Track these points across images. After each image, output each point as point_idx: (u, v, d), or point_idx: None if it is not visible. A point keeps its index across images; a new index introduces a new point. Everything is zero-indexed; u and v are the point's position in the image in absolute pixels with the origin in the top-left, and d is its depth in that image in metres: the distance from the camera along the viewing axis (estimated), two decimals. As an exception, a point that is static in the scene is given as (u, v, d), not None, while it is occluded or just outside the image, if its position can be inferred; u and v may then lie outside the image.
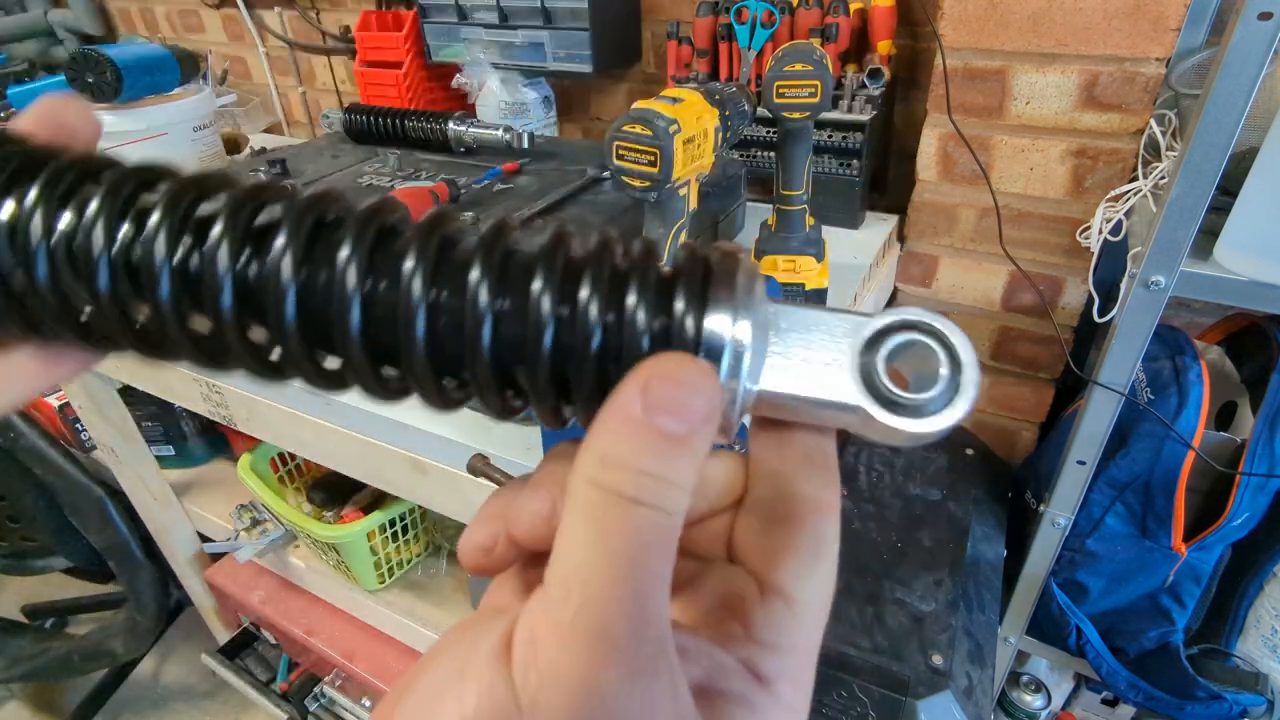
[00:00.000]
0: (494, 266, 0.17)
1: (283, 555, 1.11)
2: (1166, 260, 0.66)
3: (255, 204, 0.17)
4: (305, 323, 0.17)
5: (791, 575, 0.19)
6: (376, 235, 0.17)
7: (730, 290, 0.17)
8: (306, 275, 0.16)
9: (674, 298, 0.17)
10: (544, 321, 0.17)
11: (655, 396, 0.15)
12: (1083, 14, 0.78)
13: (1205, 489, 0.87)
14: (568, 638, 0.14)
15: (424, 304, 0.16)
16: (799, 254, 0.78)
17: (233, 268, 0.16)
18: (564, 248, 0.18)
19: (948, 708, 0.74)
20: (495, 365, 0.17)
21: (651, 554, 0.15)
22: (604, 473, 0.15)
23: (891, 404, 0.18)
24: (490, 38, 1.14)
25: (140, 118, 1.13)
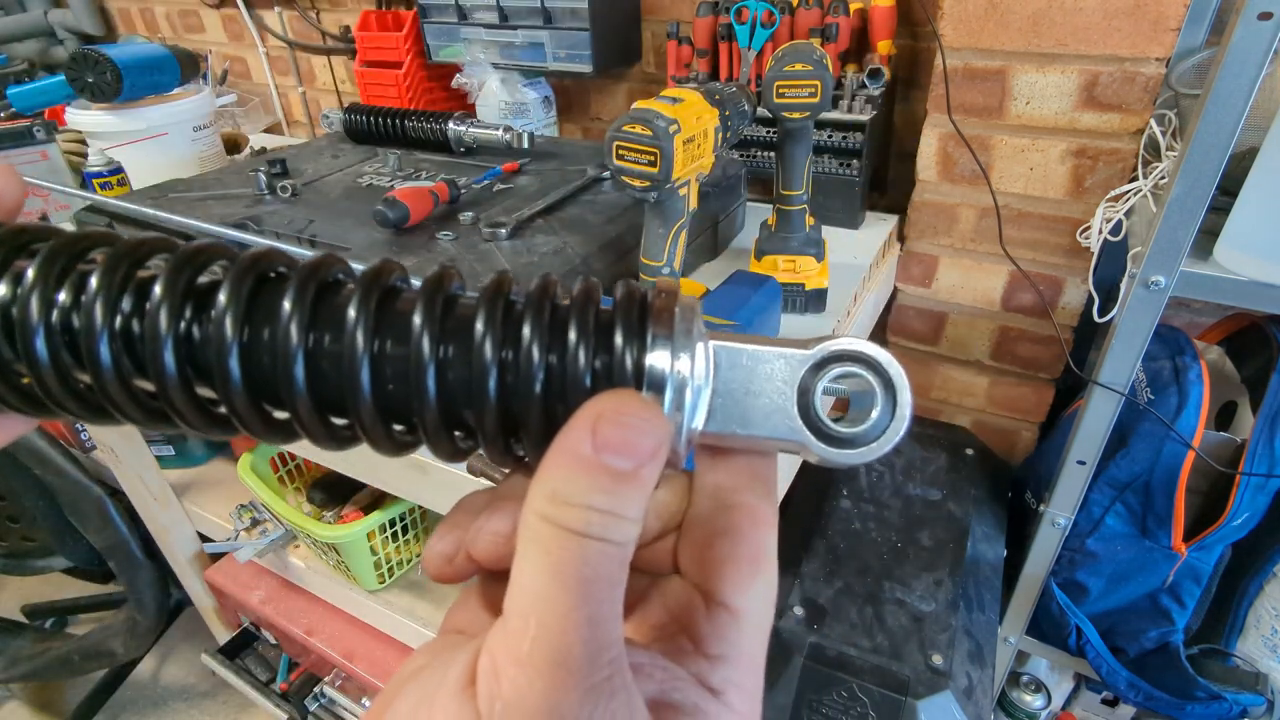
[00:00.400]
0: (436, 315, 0.17)
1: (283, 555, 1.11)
2: (1166, 260, 0.66)
3: (195, 265, 0.17)
4: (251, 381, 0.17)
5: (733, 587, 0.19)
6: (319, 289, 0.17)
7: (669, 326, 0.18)
8: (250, 334, 0.17)
9: (613, 336, 0.17)
10: (488, 366, 0.17)
11: (604, 436, 0.16)
12: (1083, 14, 0.78)
13: (1205, 489, 0.87)
14: (527, 666, 0.15)
15: (368, 355, 0.17)
16: (799, 254, 0.78)
17: (174, 330, 0.16)
18: (504, 293, 0.18)
19: (948, 708, 0.74)
20: (443, 411, 0.18)
21: (603, 582, 0.15)
22: (556, 509, 0.16)
23: (829, 438, 0.18)
24: (490, 38, 1.14)
25: (140, 118, 1.13)
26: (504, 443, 0.18)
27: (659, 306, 0.18)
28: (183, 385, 0.17)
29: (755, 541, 0.20)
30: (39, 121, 1.07)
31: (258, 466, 1.08)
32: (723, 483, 0.21)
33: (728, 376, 0.19)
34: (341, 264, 0.19)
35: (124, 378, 0.17)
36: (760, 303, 0.70)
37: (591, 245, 0.73)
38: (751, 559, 0.19)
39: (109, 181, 1.07)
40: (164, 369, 0.16)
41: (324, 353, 0.17)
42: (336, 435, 0.18)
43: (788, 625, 0.83)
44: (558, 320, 0.18)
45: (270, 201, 0.86)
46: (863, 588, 0.87)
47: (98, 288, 0.16)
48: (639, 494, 0.16)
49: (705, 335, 0.19)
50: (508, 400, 0.17)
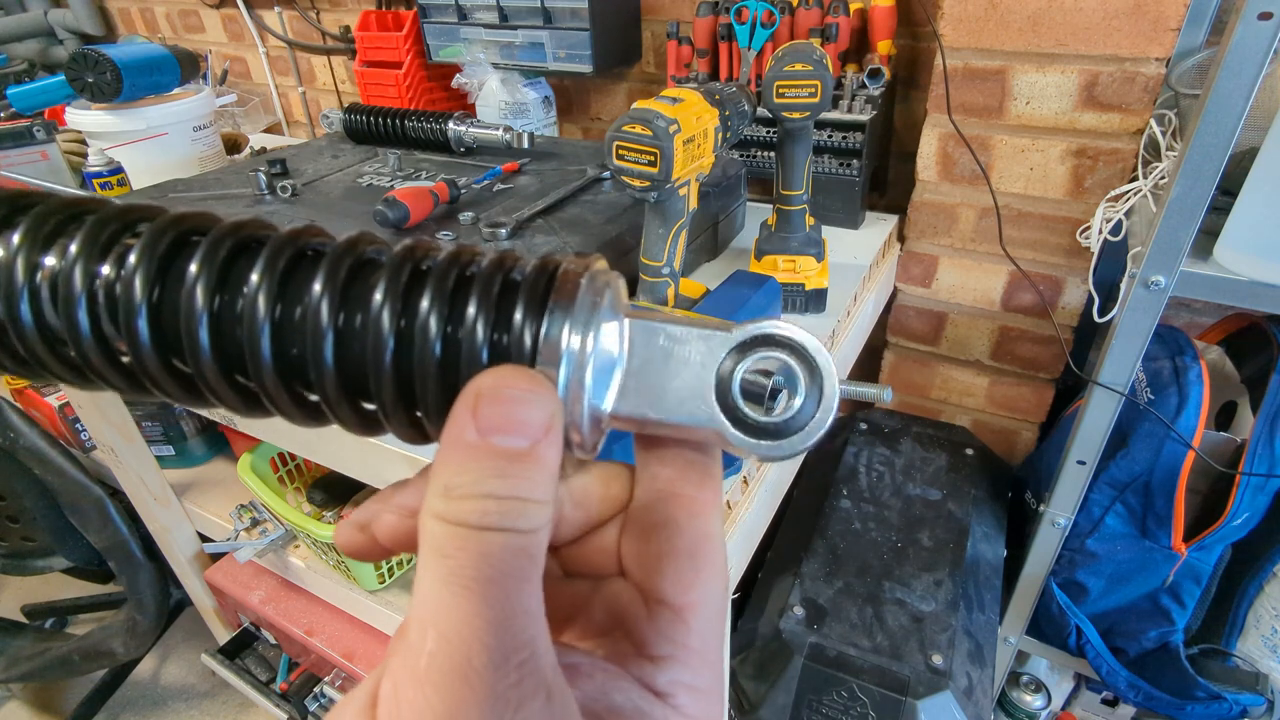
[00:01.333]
0: (338, 280, 0.17)
1: (283, 555, 1.11)
2: (1166, 260, 0.66)
3: (176, 233, 0.17)
4: (157, 336, 0.17)
5: (671, 583, 0.18)
6: (230, 251, 0.17)
7: (570, 299, 0.16)
8: (159, 295, 0.17)
9: (514, 309, 0.17)
10: (384, 335, 0.16)
11: (487, 417, 0.15)
12: (1083, 14, 0.78)
13: (1205, 489, 0.87)
14: (425, 683, 0.13)
15: (268, 320, 0.16)
16: (799, 254, 0.78)
17: (148, 299, 0.16)
18: (412, 261, 0.17)
19: (948, 708, 0.74)
20: (342, 380, 0.17)
21: (508, 579, 0.14)
22: (449, 505, 0.15)
23: (749, 426, 0.17)
24: (490, 38, 1.14)
25: (140, 118, 1.13)
26: (406, 416, 0.17)
27: (564, 277, 0.17)
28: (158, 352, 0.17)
29: (692, 532, 0.18)
30: (39, 121, 1.07)
31: (258, 466, 1.08)
32: (658, 473, 0.19)
33: (643, 355, 0.18)
34: (266, 228, 0.18)
35: (104, 340, 0.17)
36: (760, 303, 0.70)
37: (591, 245, 0.73)
38: (690, 552, 0.18)
39: (109, 181, 1.07)
40: (138, 335, 0.17)
41: (227, 315, 0.17)
42: (246, 399, 0.18)
43: (788, 625, 0.83)
44: (462, 290, 0.17)
45: (270, 201, 0.86)
46: (863, 588, 0.86)
47: (77, 251, 0.17)
48: (540, 473, 0.15)
49: (622, 310, 0.18)
50: (406, 372, 0.17)
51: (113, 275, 0.17)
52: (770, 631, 0.83)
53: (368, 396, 0.17)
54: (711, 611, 0.18)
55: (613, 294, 0.18)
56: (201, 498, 1.25)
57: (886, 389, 0.19)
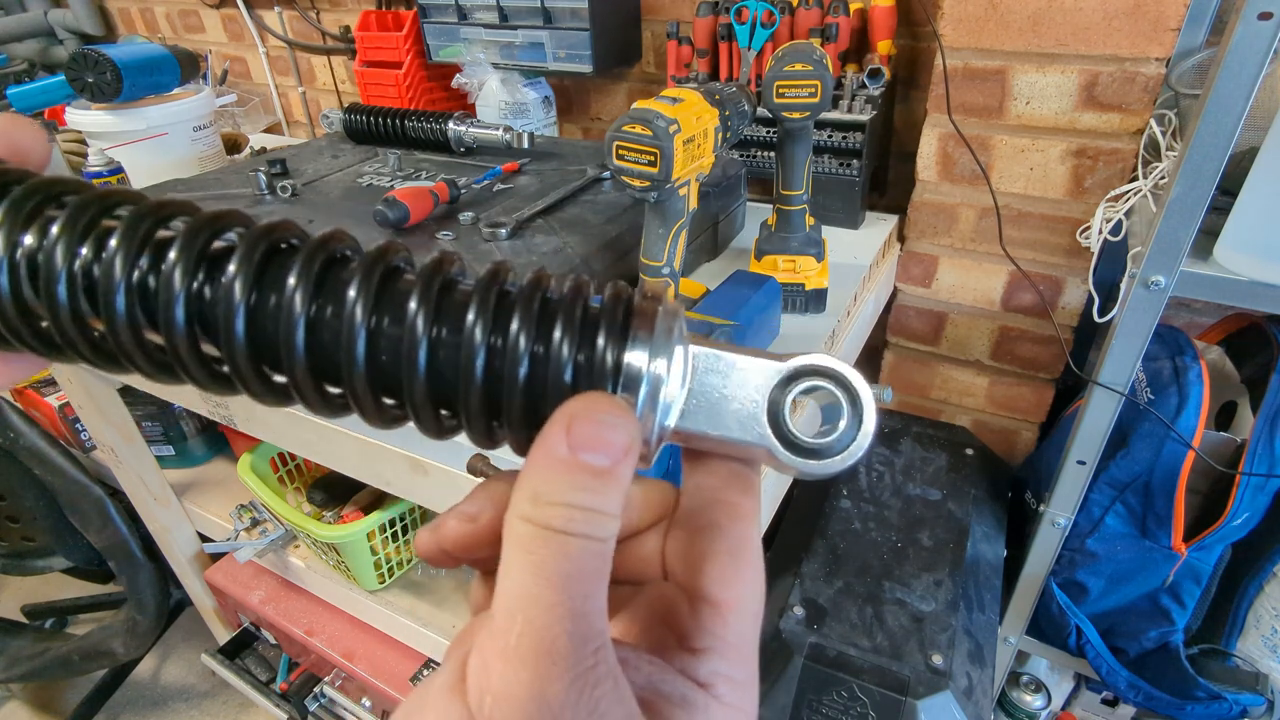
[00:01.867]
0: (432, 295, 0.18)
1: (283, 555, 1.11)
2: (1166, 260, 0.66)
3: (211, 230, 0.18)
4: (254, 343, 0.18)
5: (714, 580, 0.20)
6: (325, 263, 0.18)
7: (650, 329, 0.19)
8: (256, 299, 0.18)
9: (597, 334, 0.18)
10: (476, 351, 0.18)
11: (578, 436, 0.17)
12: (1083, 14, 0.78)
13: (1205, 489, 0.87)
14: (514, 659, 0.15)
15: (364, 329, 0.18)
16: (799, 254, 0.78)
17: (187, 288, 0.17)
18: (500, 281, 0.19)
19: (948, 708, 0.74)
20: (430, 389, 0.18)
21: (586, 576, 0.16)
22: (536, 509, 0.16)
23: (795, 447, 0.19)
24: (490, 38, 1.14)
25: (140, 118, 1.13)
26: (486, 425, 0.19)
27: (643, 308, 0.19)
28: (189, 338, 0.18)
29: (735, 535, 0.20)
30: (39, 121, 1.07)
31: (258, 466, 1.08)
32: (703, 483, 0.21)
33: (704, 380, 0.20)
34: (350, 241, 0.20)
35: (137, 327, 0.18)
36: (760, 303, 0.70)
37: (591, 245, 0.73)
38: (731, 551, 0.20)
39: (109, 182, 1.07)
40: (174, 322, 0.17)
41: (325, 323, 0.18)
42: (331, 403, 0.19)
43: (788, 625, 0.83)
44: (547, 313, 0.19)
45: (270, 201, 0.86)
46: (863, 588, 0.87)
47: (117, 246, 0.17)
48: (616, 489, 0.17)
49: (686, 339, 0.20)
50: (492, 383, 0.18)
51: (215, 284, 0.18)
52: (770, 631, 0.83)
53: (451, 405, 0.19)
54: (749, 608, 0.20)
55: (680, 325, 0.20)
56: (201, 498, 1.25)
57: (886, 389, 0.21)
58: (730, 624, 0.20)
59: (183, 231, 0.18)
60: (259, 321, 0.18)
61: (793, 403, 0.19)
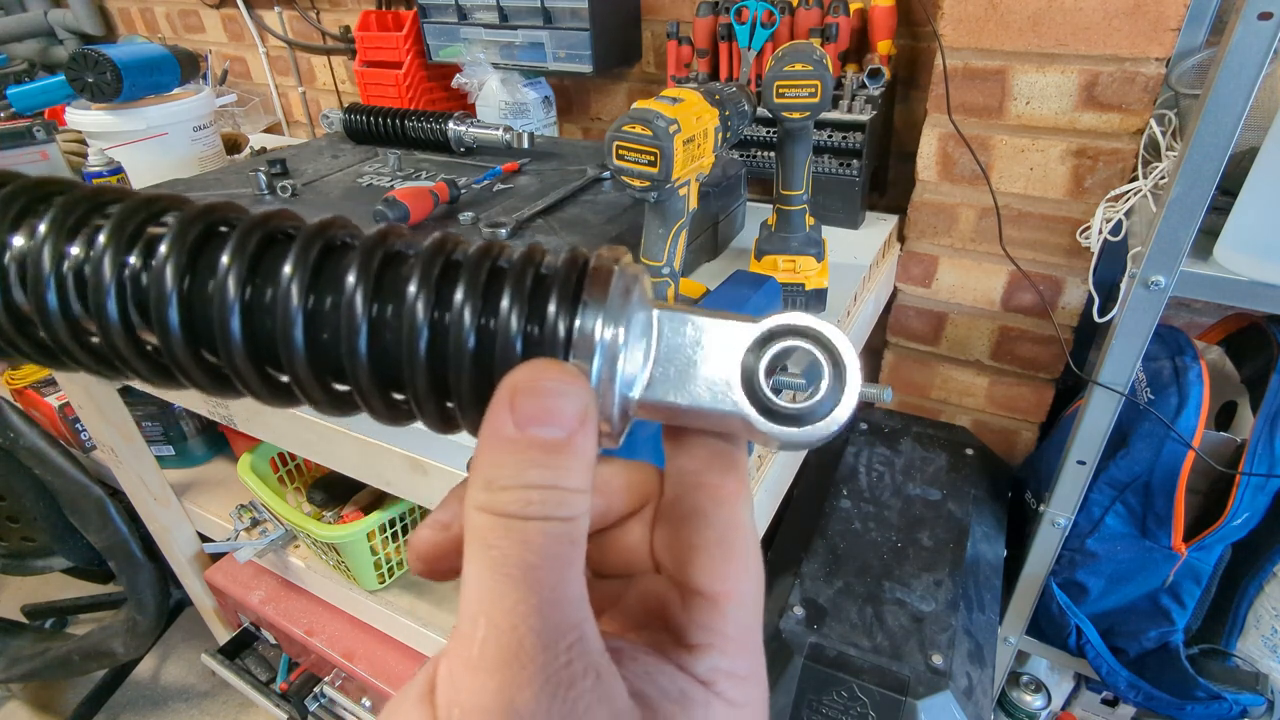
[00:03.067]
0: (371, 273, 0.17)
1: (283, 555, 1.11)
2: (1166, 260, 0.66)
3: (205, 223, 0.17)
4: (186, 326, 0.17)
5: (703, 572, 0.18)
6: (260, 242, 0.17)
7: (603, 293, 0.17)
8: (189, 284, 0.17)
9: (548, 301, 0.17)
10: (418, 327, 0.17)
11: (524, 410, 0.15)
12: (1083, 14, 0.78)
13: (1205, 489, 0.87)
14: (479, 667, 0.14)
15: (301, 312, 0.17)
16: (799, 254, 0.78)
17: (179, 287, 0.17)
18: (444, 254, 0.17)
19: (948, 708, 0.74)
20: (374, 370, 0.17)
21: (552, 564, 0.15)
22: (490, 496, 0.15)
23: (774, 414, 0.18)
24: (490, 38, 1.14)
25: (140, 118, 1.13)
26: (438, 407, 0.18)
27: (598, 271, 0.17)
28: (188, 343, 0.17)
29: (721, 521, 0.19)
30: (39, 121, 1.07)
31: (258, 466, 1.08)
32: (684, 466, 0.20)
33: (670, 345, 0.18)
34: (293, 218, 0.18)
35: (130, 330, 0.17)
36: (760, 303, 0.70)
37: (591, 245, 0.73)
38: (720, 540, 0.19)
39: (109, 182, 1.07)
40: (168, 325, 0.17)
41: (260, 306, 0.17)
42: (276, 389, 0.18)
43: (788, 625, 0.83)
44: (495, 282, 0.17)
45: (270, 201, 0.86)
46: (863, 588, 0.86)
47: (106, 243, 0.17)
48: (577, 463, 0.15)
49: (649, 303, 0.18)
50: (440, 364, 0.17)
51: (204, 276, 0.17)
52: (770, 631, 0.83)
53: (399, 387, 0.18)
54: (746, 598, 0.18)
55: (641, 287, 0.18)
56: (201, 498, 1.25)
57: (886, 389, 0.19)
58: (727, 616, 0.18)
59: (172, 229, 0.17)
60: (193, 303, 0.17)
61: (768, 367, 0.18)
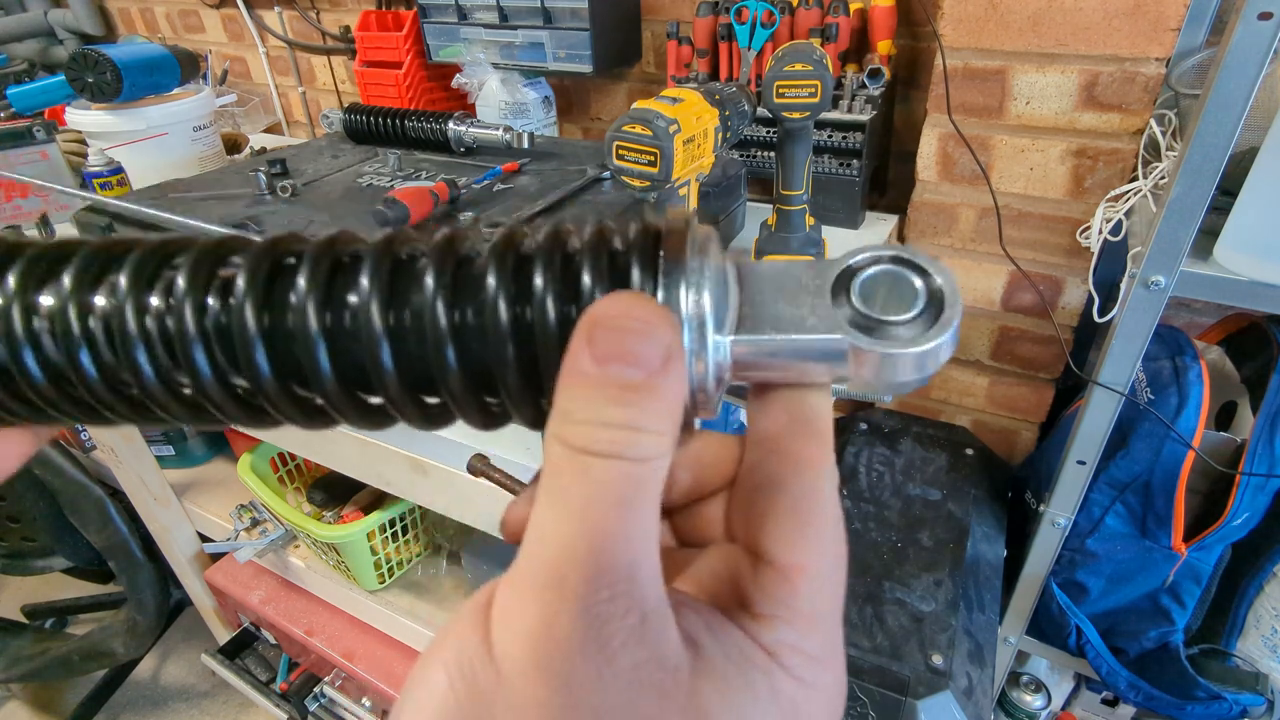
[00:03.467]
0: (447, 275, 0.17)
1: (283, 555, 1.11)
2: (1166, 260, 0.66)
3: (216, 258, 0.17)
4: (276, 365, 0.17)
5: (777, 541, 0.17)
6: (330, 270, 0.17)
7: (679, 258, 0.16)
8: (270, 321, 0.17)
9: (628, 277, 0.16)
10: (503, 324, 0.16)
11: (601, 346, 0.15)
12: (1083, 14, 0.78)
13: (1205, 489, 0.87)
14: (525, 590, 0.15)
15: (385, 330, 0.17)
16: (799, 254, 0.78)
17: (200, 323, 0.17)
18: (515, 244, 0.17)
19: (948, 708, 0.74)
20: (467, 374, 0.17)
21: (613, 504, 0.15)
22: (564, 428, 0.15)
23: (875, 328, 0.16)
24: (490, 38, 1.14)
25: (140, 118, 1.13)
26: (533, 406, 0.17)
27: (670, 238, 0.17)
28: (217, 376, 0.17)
29: (798, 490, 0.18)
30: (39, 121, 1.07)
31: (258, 466, 1.08)
32: (766, 430, 0.19)
33: (756, 287, 0.18)
34: (353, 239, 0.18)
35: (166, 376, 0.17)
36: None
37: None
38: (794, 510, 0.18)
39: (109, 181, 1.07)
40: (256, 363, 0.17)
41: (343, 330, 0.17)
42: (367, 411, 0.18)
43: (788, 625, 0.83)
44: (570, 265, 0.17)
45: (270, 201, 0.86)
46: (863, 588, 0.86)
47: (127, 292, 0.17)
48: (655, 404, 0.15)
49: (721, 257, 0.18)
50: (529, 358, 0.17)
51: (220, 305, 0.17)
52: (770, 631, 0.83)
53: (493, 391, 0.17)
54: (822, 574, 0.17)
55: (715, 245, 0.17)
56: (201, 498, 1.25)
57: None
58: (799, 591, 0.17)
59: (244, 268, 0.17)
60: (274, 339, 0.17)
61: (861, 291, 0.17)
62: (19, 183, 1.05)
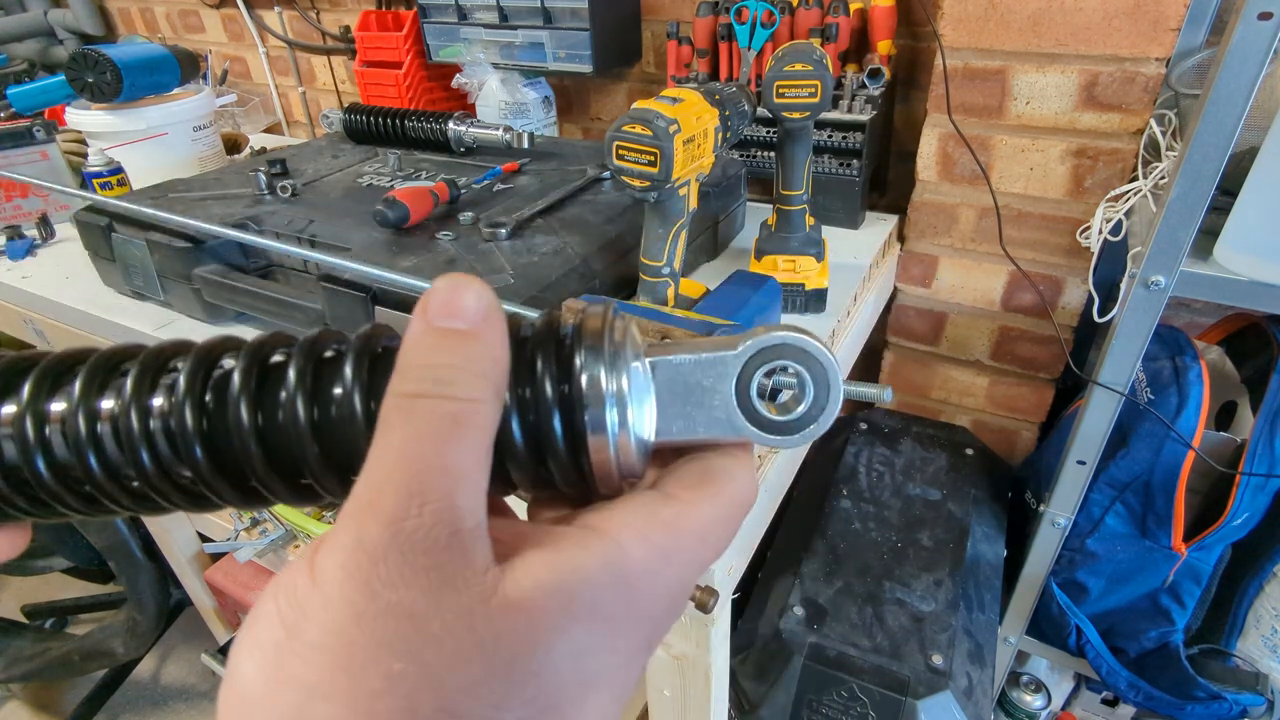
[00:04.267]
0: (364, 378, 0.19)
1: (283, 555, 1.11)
2: (1166, 260, 0.66)
3: (212, 359, 0.20)
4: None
5: (676, 480, 0.20)
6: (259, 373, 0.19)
7: (599, 346, 0.19)
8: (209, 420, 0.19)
9: (572, 364, 0.19)
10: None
11: (432, 306, 0.18)
12: (1083, 14, 0.78)
13: (1205, 489, 0.87)
14: (347, 518, 0.16)
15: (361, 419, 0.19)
16: (799, 254, 0.78)
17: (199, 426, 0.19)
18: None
19: (948, 707, 0.74)
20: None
21: (428, 439, 0.16)
22: (397, 380, 0.17)
23: (769, 426, 0.20)
24: (490, 38, 1.14)
25: (140, 118, 1.13)
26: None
27: (589, 330, 0.19)
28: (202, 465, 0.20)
29: (713, 458, 0.20)
30: (39, 121, 1.07)
31: (258, 466, 1.08)
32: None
33: (668, 386, 0.20)
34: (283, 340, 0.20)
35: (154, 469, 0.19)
36: (760, 303, 0.70)
37: (591, 245, 0.73)
38: (704, 470, 0.20)
39: (109, 181, 1.07)
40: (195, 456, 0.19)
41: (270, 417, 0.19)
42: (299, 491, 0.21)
43: (788, 625, 0.83)
44: (531, 352, 0.20)
45: (270, 201, 0.86)
46: (863, 588, 0.87)
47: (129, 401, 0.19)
48: (477, 349, 0.17)
49: (641, 351, 0.20)
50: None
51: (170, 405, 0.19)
52: (770, 631, 0.83)
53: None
54: (701, 508, 0.19)
55: (631, 337, 0.20)
56: (201, 498, 1.25)
57: (886, 389, 0.20)
58: (672, 502, 0.19)
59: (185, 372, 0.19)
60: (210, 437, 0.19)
61: (760, 387, 0.20)
62: (19, 183, 1.05)
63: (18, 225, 1.05)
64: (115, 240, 0.82)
